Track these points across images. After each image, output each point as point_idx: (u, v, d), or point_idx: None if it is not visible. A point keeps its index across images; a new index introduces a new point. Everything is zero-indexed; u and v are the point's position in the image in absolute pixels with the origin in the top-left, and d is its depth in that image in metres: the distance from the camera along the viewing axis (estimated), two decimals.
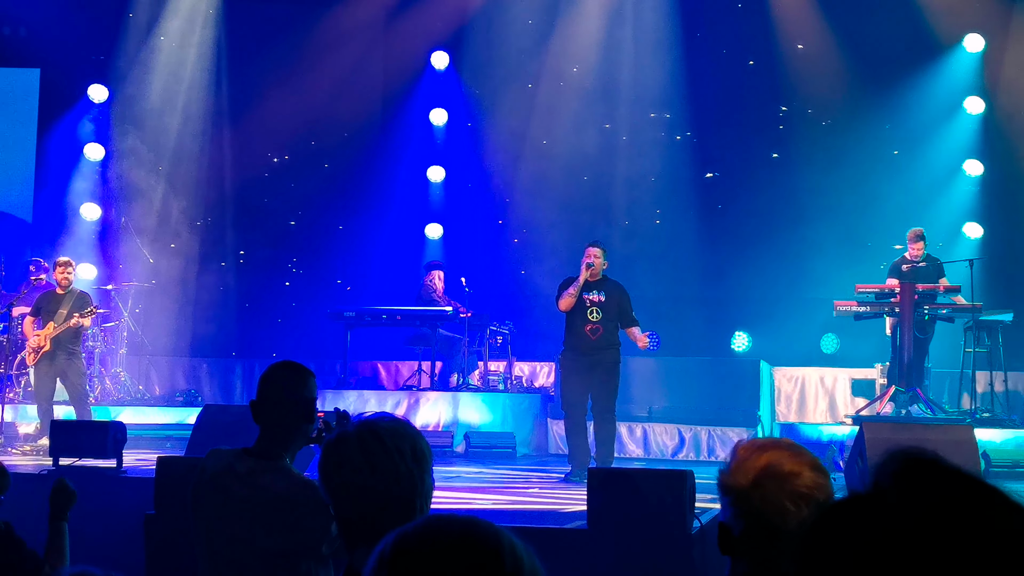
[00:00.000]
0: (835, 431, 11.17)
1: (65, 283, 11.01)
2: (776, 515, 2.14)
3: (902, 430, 7.02)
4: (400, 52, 15.89)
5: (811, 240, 13.98)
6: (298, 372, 3.81)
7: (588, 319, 9.67)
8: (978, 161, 14.47)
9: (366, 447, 2.39)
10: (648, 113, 15.14)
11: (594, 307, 9.69)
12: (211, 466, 3.77)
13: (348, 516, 2.40)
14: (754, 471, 2.18)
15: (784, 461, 2.18)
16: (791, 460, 2.19)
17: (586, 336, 9.66)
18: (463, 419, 11.91)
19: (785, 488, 2.15)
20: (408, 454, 2.40)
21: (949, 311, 11.51)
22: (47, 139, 15.72)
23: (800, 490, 2.15)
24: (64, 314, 10.78)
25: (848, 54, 14.46)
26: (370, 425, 2.43)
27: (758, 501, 2.15)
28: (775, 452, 2.20)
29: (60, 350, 10.77)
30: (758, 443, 2.26)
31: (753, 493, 2.16)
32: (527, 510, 7.70)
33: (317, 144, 15.61)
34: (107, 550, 6.52)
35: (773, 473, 2.17)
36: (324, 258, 15.61)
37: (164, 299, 14.90)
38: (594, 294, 9.72)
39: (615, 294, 9.75)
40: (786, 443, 2.27)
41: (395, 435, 2.41)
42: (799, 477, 2.16)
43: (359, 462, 2.37)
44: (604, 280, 9.82)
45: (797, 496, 2.14)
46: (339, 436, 2.43)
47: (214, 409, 8.69)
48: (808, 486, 2.16)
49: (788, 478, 2.16)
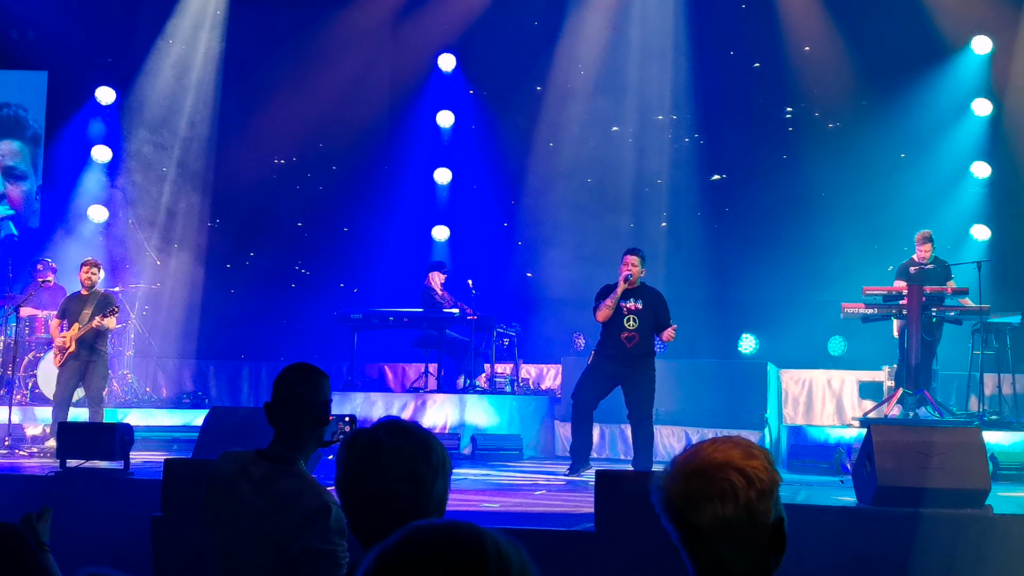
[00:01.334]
0: (842, 434, 11.15)
1: (88, 284, 10.97)
2: (695, 510, 2.04)
3: (910, 432, 7.00)
4: (407, 55, 15.90)
5: (818, 242, 13.95)
6: (313, 374, 3.80)
7: (625, 327, 9.65)
8: (986, 163, 14.43)
9: (382, 451, 2.37)
10: (656, 115, 15.13)
11: (631, 315, 9.67)
12: (224, 468, 3.76)
13: (363, 519, 2.38)
14: (677, 471, 2.08)
15: (710, 452, 2.06)
16: (718, 451, 2.06)
17: (622, 344, 9.64)
18: (470, 421, 11.90)
19: (703, 481, 2.03)
20: (423, 459, 2.38)
21: (957, 313, 11.48)
22: (55, 141, 15.74)
23: (722, 483, 2.02)
24: (88, 315, 10.76)
25: (856, 56, 14.43)
26: (388, 428, 2.41)
27: (683, 497, 2.05)
28: (703, 446, 2.09)
29: (84, 350, 10.74)
30: (699, 441, 2.15)
31: (677, 490, 2.06)
32: (534, 512, 7.70)
33: (325, 146, 15.62)
34: (114, 552, 6.53)
35: (696, 468, 2.06)
36: (331, 260, 15.61)
37: (171, 301, 14.92)
38: (631, 302, 9.69)
39: (652, 302, 9.73)
40: (722, 439, 2.11)
41: (413, 440, 2.39)
42: (723, 468, 2.03)
43: (375, 465, 2.36)
44: (642, 287, 9.80)
45: (719, 491, 2.02)
46: (356, 438, 2.41)
47: (221, 411, 8.70)
48: (732, 480, 2.02)
49: (711, 470, 2.04)
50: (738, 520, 2.04)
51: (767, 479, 2.06)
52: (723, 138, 14.97)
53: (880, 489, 6.54)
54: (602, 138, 15.16)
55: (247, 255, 15.67)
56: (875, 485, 6.58)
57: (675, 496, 2.07)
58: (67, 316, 10.91)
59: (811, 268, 13.93)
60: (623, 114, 15.15)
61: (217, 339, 15.18)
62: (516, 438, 11.84)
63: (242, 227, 15.71)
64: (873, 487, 6.62)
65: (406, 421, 2.46)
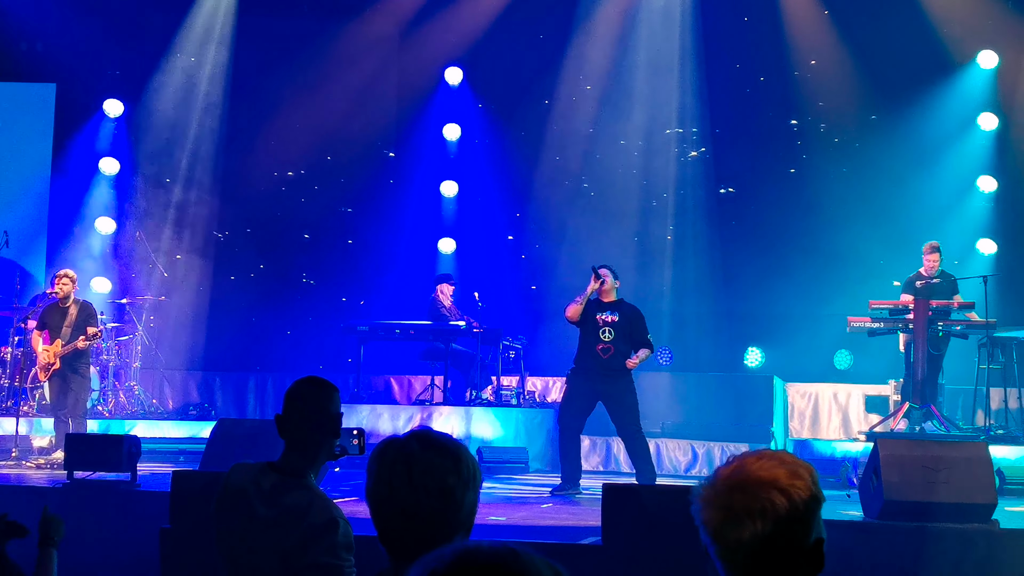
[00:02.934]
0: (849, 448, 11.15)
1: (62, 295, 11.04)
2: (734, 525, 2.04)
3: (916, 447, 7.00)
4: (414, 68, 15.95)
5: (824, 256, 13.95)
6: (324, 388, 3.81)
7: (600, 339, 9.69)
8: (992, 177, 14.44)
9: (414, 463, 2.34)
10: (663, 129, 15.15)
11: (607, 327, 9.71)
12: (234, 481, 3.76)
13: (392, 530, 2.36)
14: (721, 481, 2.07)
15: (755, 469, 2.05)
16: (763, 468, 2.05)
17: (597, 355, 9.68)
18: (476, 434, 11.91)
19: (749, 495, 2.03)
20: (454, 471, 2.35)
21: (963, 327, 11.48)
22: (63, 153, 15.80)
23: (765, 502, 2.02)
24: (68, 330, 10.84)
25: (862, 70, 14.45)
26: (420, 439, 2.38)
27: (722, 510, 2.05)
28: (749, 459, 2.08)
29: (67, 367, 10.85)
30: (743, 453, 2.13)
31: (719, 502, 2.06)
32: (541, 525, 7.69)
33: (332, 159, 15.66)
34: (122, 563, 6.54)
35: (742, 481, 2.05)
36: (338, 272, 15.64)
37: (178, 313, 14.95)
38: (608, 315, 9.74)
39: (629, 316, 9.76)
40: (768, 453, 2.11)
41: (445, 452, 2.37)
42: (768, 487, 2.03)
43: (406, 477, 2.33)
44: (620, 303, 9.84)
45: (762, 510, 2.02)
46: (387, 449, 2.38)
47: (228, 423, 8.71)
48: (774, 500, 2.02)
49: (755, 487, 2.03)
50: (777, 539, 2.03)
51: (810, 499, 2.06)
52: (730, 152, 14.99)
53: (886, 503, 6.55)
54: (608, 151, 15.19)
55: (254, 267, 15.69)
56: (881, 499, 6.59)
57: (715, 510, 2.07)
58: (48, 329, 10.98)
59: (817, 281, 13.93)
60: (630, 127, 15.17)
61: (223, 351, 15.20)
62: (522, 451, 11.84)
63: (249, 239, 15.74)
64: (879, 501, 6.62)
65: (438, 432, 2.42)
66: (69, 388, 10.85)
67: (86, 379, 11.09)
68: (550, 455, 12.41)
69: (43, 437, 11.50)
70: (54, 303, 11.22)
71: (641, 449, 9.63)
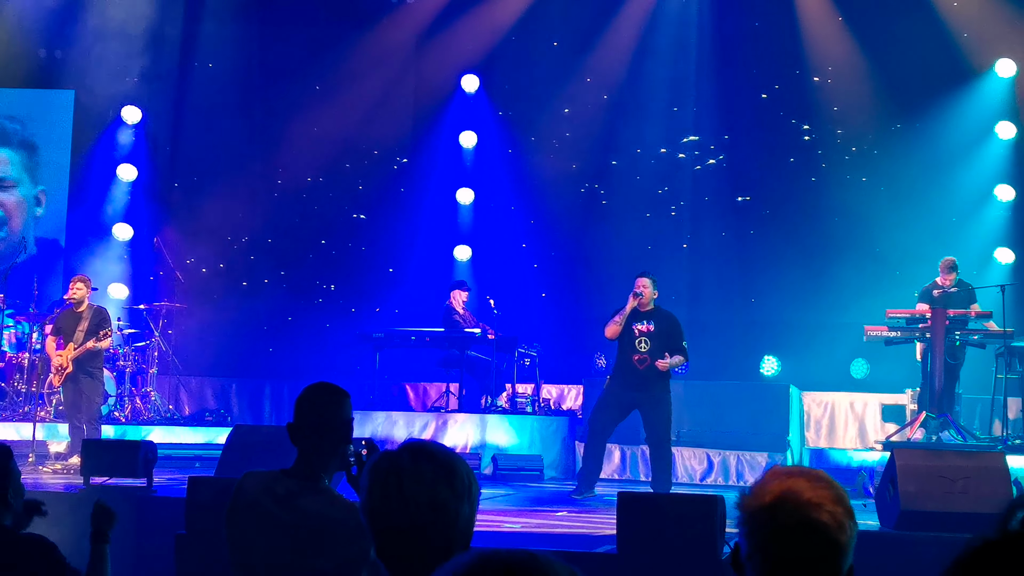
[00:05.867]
0: (865, 457, 11.11)
1: (75, 300, 11.11)
2: (783, 542, 2.07)
3: (933, 457, 6.98)
4: (431, 75, 15.99)
5: (841, 265, 13.92)
6: (335, 394, 3.81)
7: (637, 349, 9.67)
8: (1010, 186, 14.39)
9: (404, 476, 2.30)
10: (679, 137, 15.14)
11: (643, 337, 9.68)
12: (248, 487, 3.76)
13: (388, 546, 2.31)
14: (772, 495, 2.10)
15: (805, 490, 2.09)
16: (813, 489, 2.09)
17: (634, 366, 9.66)
18: (491, 441, 11.91)
19: (798, 516, 2.07)
20: (447, 484, 2.30)
21: (980, 337, 11.44)
22: (81, 160, 15.87)
23: (815, 522, 2.07)
24: (82, 334, 10.89)
25: (880, 79, 14.43)
26: (411, 451, 2.35)
27: (769, 525, 2.09)
28: (800, 480, 2.12)
29: (79, 370, 10.90)
30: (788, 468, 2.18)
31: (765, 516, 2.09)
32: (556, 533, 7.69)
33: (350, 166, 15.70)
34: (138, 570, 6.56)
35: (790, 499, 2.09)
36: (354, 279, 15.67)
37: (194, 319, 14.99)
38: (643, 324, 9.71)
39: (665, 324, 9.73)
40: (816, 474, 2.16)
41: (436, 464, 2.32)
42: (817, 509, 2.07)
43: (397, 491, 2.28)
44: (655, 310, 9.81)
45: (810, 528, 2.06)
46: (379, 463, 2.35)
47: (245, 429, 8.73)
48: (824, 521, 2.06)
49: (805, 507, 2.07)
50: (819, 561, 2.07)
51: (848, 527, 2.10)
52: (747, 160, 14.97)
53: (903, 513, 6.52)
54: (625, 159, 15.19)
55: (270, 274, 15.73)
56: (898, 509, 6.57)
57: (760, 523, 2.10)
58: (62, 334, 11.04)
59: (834, 290, 13.89)
60: (646, 135, 15.16)
61: (239, 357, 15.24)
62: (537, 458, 11.83)
63: (266, 246, 15.78)
64: (896, 511, 6.60)
65: (432, 443, 2.38)
66: (82, 392, 10.90)
67: (99, 382, 11.14)
68: (565, 463, 12.40)
69: (60, 442, 11.54)
70: (69, 308, 11.28)
71: (664, 460, 9.64)
